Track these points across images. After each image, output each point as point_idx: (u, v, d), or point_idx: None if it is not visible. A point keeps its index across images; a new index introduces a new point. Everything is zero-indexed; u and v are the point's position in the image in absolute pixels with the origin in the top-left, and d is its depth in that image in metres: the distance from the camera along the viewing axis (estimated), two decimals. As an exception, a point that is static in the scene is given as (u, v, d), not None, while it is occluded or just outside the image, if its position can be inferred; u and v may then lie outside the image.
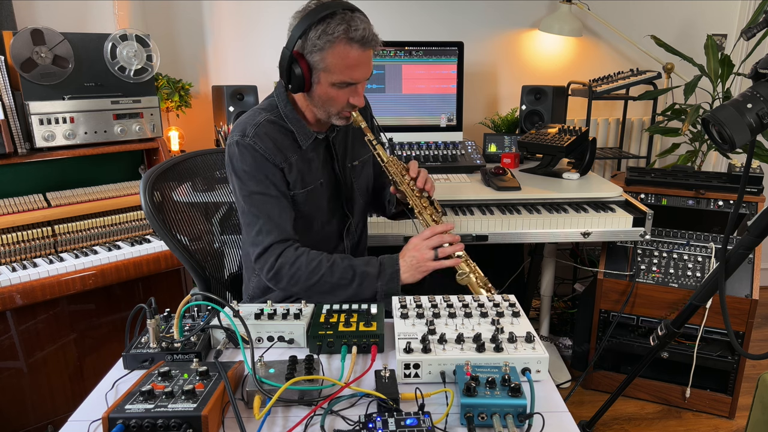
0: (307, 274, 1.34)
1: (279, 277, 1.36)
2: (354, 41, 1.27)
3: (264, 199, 1.37)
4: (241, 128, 1.39)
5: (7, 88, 1.86)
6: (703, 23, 2.97)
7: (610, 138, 3.05)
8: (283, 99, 1.43)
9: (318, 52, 1.28)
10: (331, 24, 1.26)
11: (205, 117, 2.73)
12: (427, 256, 1.35)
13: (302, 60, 1.31)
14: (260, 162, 1.37)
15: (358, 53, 1.29)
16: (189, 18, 2.71)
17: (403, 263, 1.36)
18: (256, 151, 1.36)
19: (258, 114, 1.41)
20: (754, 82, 1.15)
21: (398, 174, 1.46)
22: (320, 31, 1.26)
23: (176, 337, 1.08)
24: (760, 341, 2.86)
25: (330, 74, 1.31)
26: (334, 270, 1.34)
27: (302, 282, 1.35)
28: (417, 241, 1.38)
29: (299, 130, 1.42)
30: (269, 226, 1.36)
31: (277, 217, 1.37)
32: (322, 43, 1.27)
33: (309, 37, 1.28)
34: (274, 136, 1.39)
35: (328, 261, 1.35)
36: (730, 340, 1.71)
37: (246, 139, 1.37)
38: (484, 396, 0.87)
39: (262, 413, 0.88)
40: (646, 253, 2.30)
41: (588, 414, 2.17)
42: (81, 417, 0.92)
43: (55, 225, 1.96)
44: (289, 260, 1.35)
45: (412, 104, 2.55)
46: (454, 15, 2.86)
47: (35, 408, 1.98)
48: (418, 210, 1.47)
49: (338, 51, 1.28)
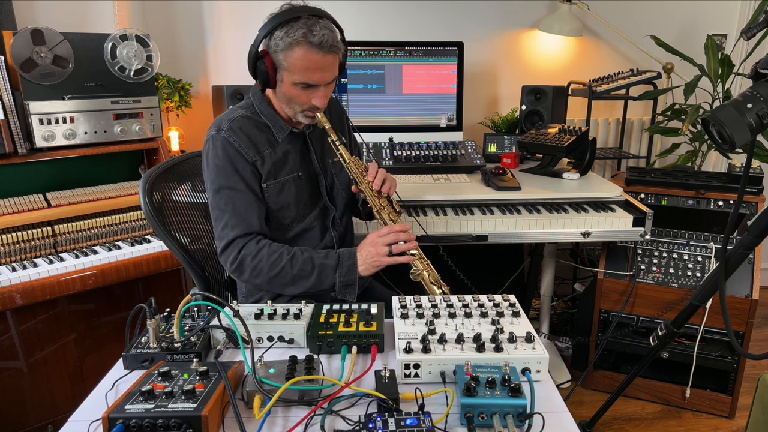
0: (268, 266, 1.39)
1: (242, 269, 1.40)
2: (313, 45, 1.34)
3: (231, 193, 1.42)
4: (217, 124, 1.45)
5: (7, 88, 1.86)
6: (703, 23, 2.97)
7: (610, 138, 3.05)
8: (258, 97, 1.50)
9: (281, 51, 1.36)
10: (293, 26, 1.34)
11: (205, 117, 2.73)
12: (382, 252, 1.41)
13: (267, 57, 1.38)
14: (232, 155, 1.42)
15: (317, 57, 1.36)
16: (189, 18, 2.71)
17: (359, 257, 1.42)
18: (230, 144, 1.42)
19: (234, 111, 1.49)
20: (754, 82, 1.15)
21: (358, 174, 1.52)
22: (283, 33, 1.34)
23: (176, 337, 1.08)
24: (760, 341, 2.86)
25: (291, 74, 1.38)
26: (294, 262, 1.40)
27: (264, 274, 1.39)
28: (373, 237, 1.44)
29: (274, 123, 1.48)
30: (234, 220, 1.41)
31: (243, 211, 1.42)
32: (284, 44, 1.35)
33: (273, 36, 1.36)
34: (248, 130, 1.45)
35: (288, 253, 1.40)
36: (730, 340, 1.71)
37: (221, 133, 1.43)
38: (484, 396, 0.87)
39: (262, 413, 0.88)
40: (646, 253, 2.30)
41: (588, 414, 2.17)
42: (81, 417, 0.93)
43: (55, 225, 1.96)
44: (251, 252, 1.39)
45: (412, 104, 2.55)
46: (454, 15, 2.86)
47: (35, 408, 1.98)
48: (376, 209, 1.52)
49: (298, 53, 1.35)
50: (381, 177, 1.52)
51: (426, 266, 1.48)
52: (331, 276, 1.40)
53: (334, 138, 1.49)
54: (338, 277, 1.41)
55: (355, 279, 1.42)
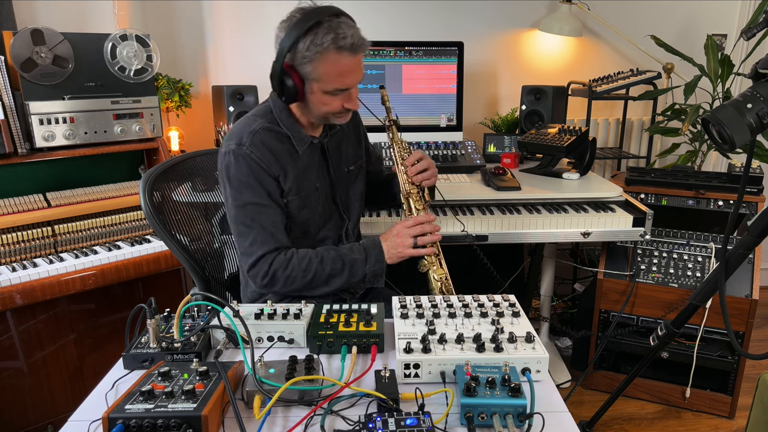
0: (301, 273, 1.38)
1: (274, 282, 1.39)
2: (344, 49, 1.28)
3: (258, 209, 1.39)
4: (238, 137, 1.39)
5: (7, 88, 1.86)
6: (703, 23, 2.97)
7: (610, 138, 3.05)
8: (278, 105, 1.44)
9: (308, 63, 1.30)
10: (318, 34, 1.27)
11: (205, 117, 2.73)
12: (407, 243, 1.44)
13: (293, 72, 1.32)
14: (256, 172, 1.37)
15: (349, 60, 1.31)
16: (189, 18, 2.71)
17: (385, 246, 1.45)
18: (252, 161, 1.37)
19: (253, 121, 1.42)
20: (754, 82, 1.15)
21: (398, 157, 1.56)
22: (309, 42, 1.27)
23: (176, 337, 1.08)
24: (760, 341, 2.86)
25: (322, 83, 1.33)
26: (324, 264, 1.40)
27: (298, 281, 1.39)
28: (400, 228, 1.46)
29: (295, 134, 1.44)
30: (263, 236, 1.38)
31: (270, 226, 1.39)
32: (312, 54, 1.28)
33: (298, 49, 1.29)
34: (270, 144, 1.40)
35: (316, 256, 1.40)
36: (730, 340, 1.71)
37: (243, 148, 1.37)
38: (484, 396, 0.87)
39: (262, 413, 0.88)
40: (646, 253, 2.30)
41: (588, 414, 2.17)
42: (81, 417, 0.92)
43: (55, 225, 1.96)
44: (282, 265, 1.38)
45: (412, 104, 2.55)
46: (454, 15, 2.86)
47: (35, 408, 1.98)
48: (404, 194, 1.55)
49: (329, 60, 1.29)
50: (420, 167, 1.55)
51: (437, 261, 1.50)
52: (362, 269, 1.42)
53: (391, 117, 1.56)
54: (368, 269, 1.43)
55: (383, 267, 1.45)
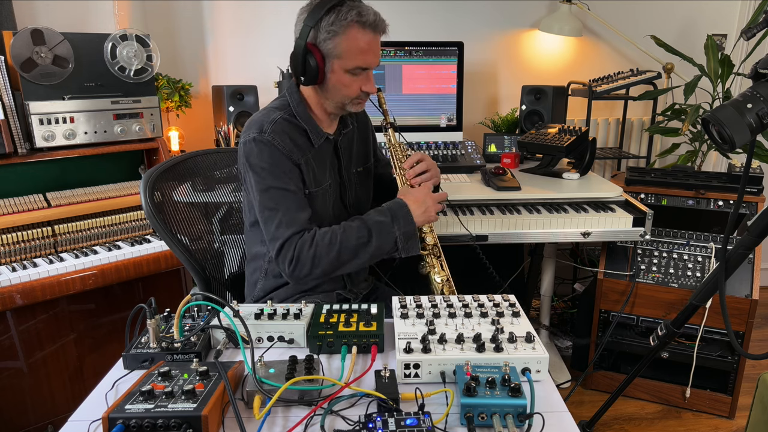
0: (326, 248, 1.34)
1: (302, 263, 1.34)
2: (367, 25, 1.33)
3: (282, 193, 1.37)
4: (258, 125, 1.39)
5: (7, 88, 1.86)
6: (703, 23, 2.97)
7: (610, 138, 3.05)
8: (295, 98, 1.45)
9: (332, 38, 1.33)
10: (342, 10, 1.31)
11: (205, 117, 2.73)
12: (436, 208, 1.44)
13: (316, 50, 1.34)
14: (278, 158, 1.37)
15: (370, 37, 1.35)
16: (189, 18, 2.71)
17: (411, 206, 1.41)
18: (274, 147, 1.37)
19: (273, 112, 1.43)
20: (754, 82, 1.15)
21: (397, 160, 1.55)
22: (333, 18, 1.32)
23: (176, 337, 1.08)
24: (760, 341, 2.86)
25: (344, 60, 1.35)
26: (348, 234, 1.36)
27: (325, 257, 1.34)
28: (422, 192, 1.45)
29: (312, 128, 1.45)
30: (288, 218, 1.36)
31: (295, 209, 1.37)
32: (337, 29, 1.31)
33: (321, 26, 1.32)
34: (290, 133, 1.41)
35: (340, 228, 1.38)
36: (730, 340, 1.71)
37: (264, 135, 1.37)
38: (484, 396, 0.87)
39: (262, 413, 0.88)
40: (646, 253, 2.30)
41: (588, 414, 2.17)
42: (81, 417, 0.92)
43: (55, 225, 1.96)
44: (305, 244, 1.34)
45: (412, 104, 2.55)
46: (454, 15, 2.86)
47: (35, 408, 1.98)
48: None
49: (352, 35, 1.32)
50: (420, 168, 1.52)
51: (438, 262, 1.48)
52: (391, 232, 1.37)
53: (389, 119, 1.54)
54: (397, 230, 1.37)
55: (415, 229, 1.40)
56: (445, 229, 1.96)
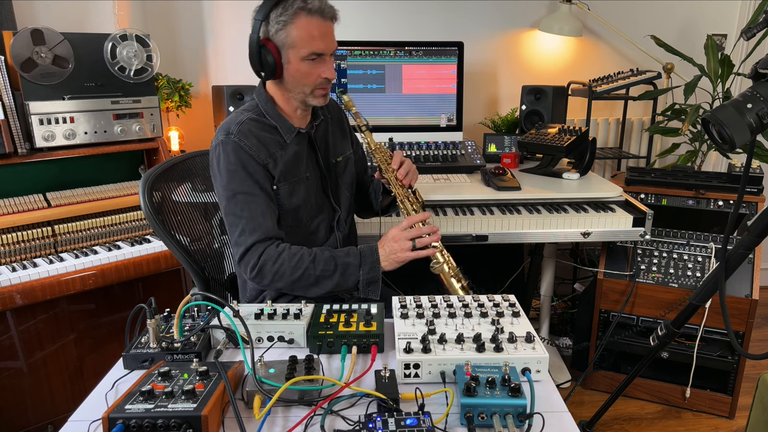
0: (291, 268, 1.36)
1: (263, 274, 1.37)
2: (313, 12, 1.35)
3: (247, 198, 1.39)
4: (225, 129, 1.43)
5: (7, 88, 1.86)
6: (703, 23, 2.97)
7: (610, 138, 3.05)
8: (263, 97, 1.48)
9: (283, 29, 1.35)
10: (287, 2, 1.35)
11: (205, 117, 2.73)
12: (405, 247, 1.39)
13: (269, 43, 1.37)
14: (244, 159, 1.39)
15: (319, 23, 1.37)
16: (189, 18, 2.71)
17: (381, 252, 1.40)
18: (240, 149, 1.39)
19: (240, 114, 1.46)
20: (754, 82, 1.15)
21: (383, 162, 1.56)
22: (280, 10, 1.35)
23: (176, 337, 1.08)
24: (760, 341, 2.86)
25: (297, 49, 1.37)
26: (316, 263, 1.37)
27: (287, 277, 1.36)
28: (396, 231, 1.42)
29: (281, 124, 1.46)
30: (252, 225, 1.38)
31: (259, 216, 1.39)
32: (285, 18, 1.35)
33: (271, 18, 1.36)
34: (257, 133, 1.43)
35: (309, 255, 1.38)
36: (730, 340, 1.71)
37: (231, 137, 1.40)
38: (484, 396, 0.87)
39: (262, 413, 0.88)
40: (646, 253, 2.30)
41: (588, 414, 2.17)
42: (81, 417, 0.93)
43: (55, 225, 1.96)
44: (272, 257, 1.36)
45: (412, 104, 2.55)
46: (454, 15, 2.86)
47: (35, 408, 1.98)
48: (400, 198, 1.55)
49: (300, 23, 1.35)
50: (406, 168, 1.55)
51: (446, 259, 1.49)
52: (355, 274, 1.38)
53: (361, 122, 1.55)
54: (362, 275, 1.38)
55: (379, 276, 1.39)
56: (446, 229, 1.96)
